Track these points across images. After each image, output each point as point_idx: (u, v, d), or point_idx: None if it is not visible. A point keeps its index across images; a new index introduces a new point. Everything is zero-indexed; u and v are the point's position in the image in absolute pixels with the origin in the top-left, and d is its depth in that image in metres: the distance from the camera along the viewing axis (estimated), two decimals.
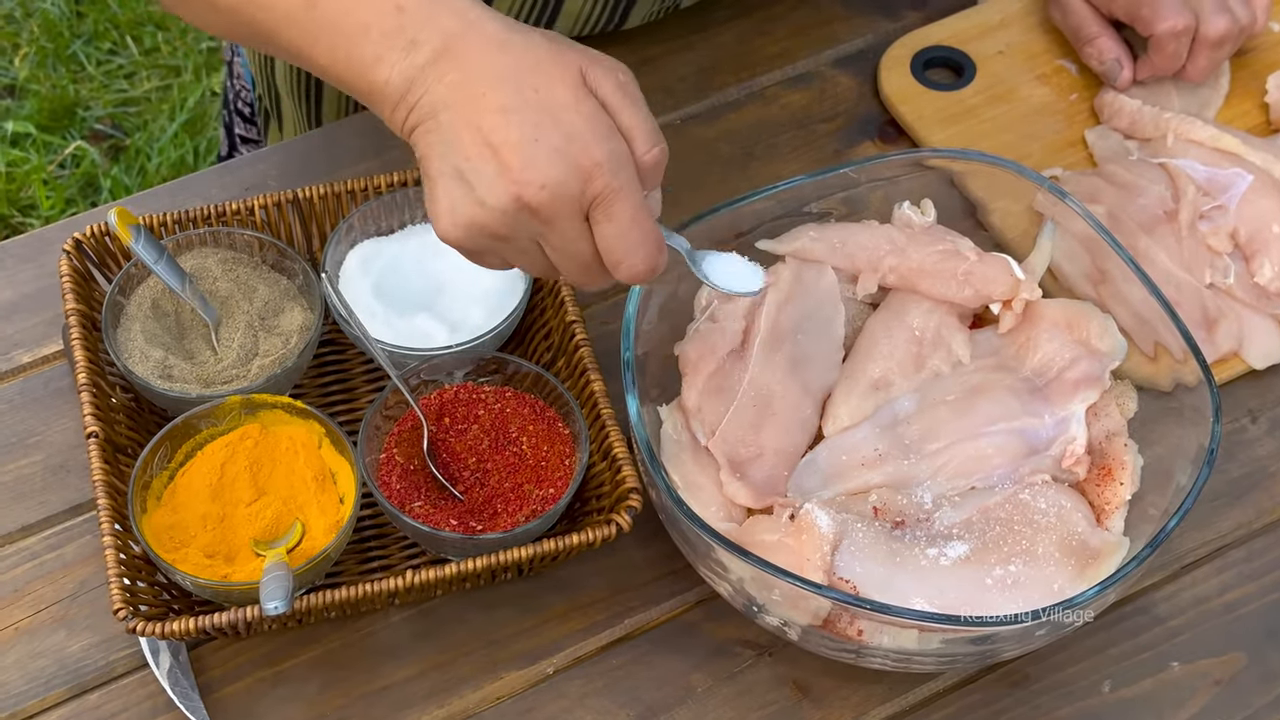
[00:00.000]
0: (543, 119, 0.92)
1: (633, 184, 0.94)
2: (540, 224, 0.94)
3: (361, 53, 0.96)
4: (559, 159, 0.92)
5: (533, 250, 0.97)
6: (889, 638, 1.03)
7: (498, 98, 0.93)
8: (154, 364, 1.14)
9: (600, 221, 0.94)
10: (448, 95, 0.94)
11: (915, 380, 1.15)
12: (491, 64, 0.94)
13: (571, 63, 0.95)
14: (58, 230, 1.30)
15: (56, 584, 1.13)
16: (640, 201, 0.95)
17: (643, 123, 0.96)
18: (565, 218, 0.93)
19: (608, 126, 0.94)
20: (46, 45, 2.68)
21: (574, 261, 0.97)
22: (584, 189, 0.93)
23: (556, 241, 0.95)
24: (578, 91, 0.94)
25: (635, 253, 0.95)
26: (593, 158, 0.92)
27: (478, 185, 0.93)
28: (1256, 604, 1.15)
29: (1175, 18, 1.33)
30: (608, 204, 0.93)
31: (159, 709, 1.08)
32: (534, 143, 0.92)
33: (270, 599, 1.00)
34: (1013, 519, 1.08)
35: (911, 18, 1.47)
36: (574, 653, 1.12)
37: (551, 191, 0.92)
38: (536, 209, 0.93)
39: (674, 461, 1.11)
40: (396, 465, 1.12)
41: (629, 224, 0.94)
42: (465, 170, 0.93)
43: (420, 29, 0.95)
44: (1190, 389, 1.09)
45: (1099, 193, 1.29)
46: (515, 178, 0.92)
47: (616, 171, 0.93)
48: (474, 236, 0.95)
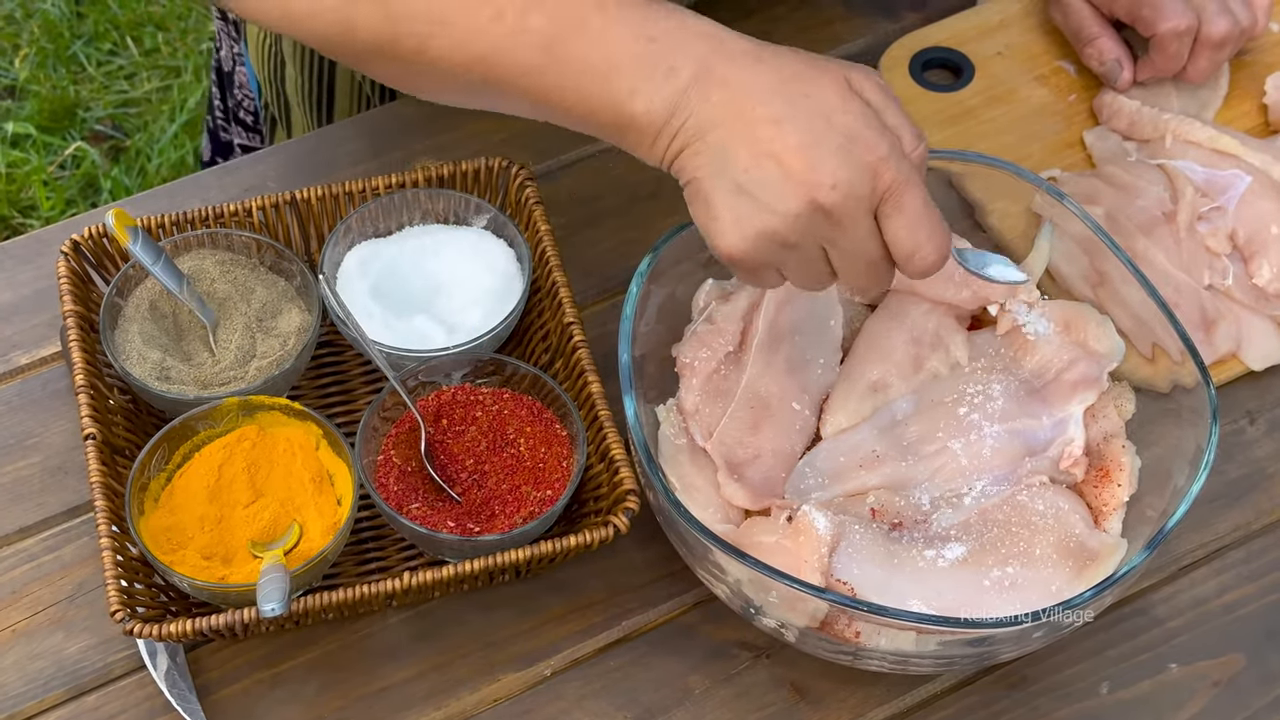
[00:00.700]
0: (817, 123, 0.93)
1: (915, 175, 0.95)
2: (831, 226, 0.94)
3: (615, 88, 0.95)
4: (844, 158, 0.92)
5: (818, 257, 0.97)
6: (886, 639, 1.03)
7: (768, 110, 0.93)
8: (152, 365, 1.14)
9: (890, 215, 0.94)
10: (715, 114, 0.94)
11: (913, 382, 1.15)
12: (753, 79, 0.94)
13: (833, 69, 0.96)
14: (56, 232, 1.30)
15: (54, 586, 1.13)
16: (925, 193, 0.95)
17: (906, 121, 0.97)
18: (856, 217, 0.94)
19: (880, 124, 0.95)
20: (47, 46, 2.68)
21: (861, 262, 0.97)
22: (873, 185, 0.93)
23: (846, 243, 0.95)
24: (845, 94, 0.94)
25: (928, 243, 0.95)
26: (877, 153, 0.93)
27: (763, 194, 0.93)
28: (1255, 605, 1.15)
29: (1177, 18, 1.33)
30: (897, 196, 0.94)
31: (156, 711, 1.08)
32: (816, 145, 0.92)
33: (267, 601, 1.00)
34: (1010, 521, 1.08)
35: (911, 19, 1.47)
36: (572, 654, 1.12)
37: (843, 190, 0.92)
38: (829, 210, 0.93)
39: (671, 463, 1.11)
40: (394, 467, 1.12)
41: (920, 214, 0.95)
42: (746, 183, 0.93)
43: (675, 55, 0.95)
44: (1188, 390, 1.09)
45: (1097, 194, 1.29)
46: (804, 179, 0.92)
47: (900, 164, 0.94)
48: (762, 247, 0.95)
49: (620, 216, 1.32)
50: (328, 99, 1.48)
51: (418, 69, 1.01)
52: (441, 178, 1.24)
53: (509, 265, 1.21)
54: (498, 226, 1.23)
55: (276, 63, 1.50)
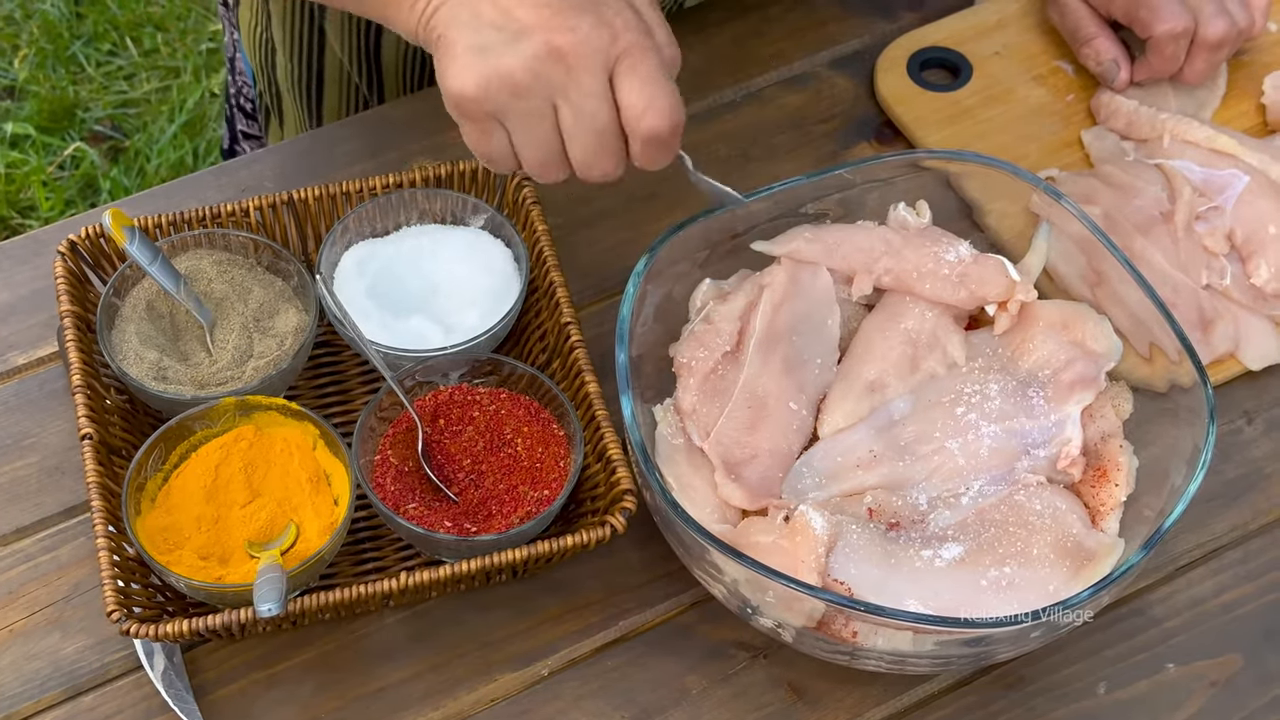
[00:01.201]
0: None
1: (657, 50, 0.96)
2: (564, 72, 0.95)
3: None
4: (588, 12, 0.94)
5: (547, 114, 0.97)
6: (884, 639, 1.03)
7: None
8: (148, 366, 1.14)
9: (624, 74, 0.96)
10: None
11: (910, 382, 1.15)
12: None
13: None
14: (53, 232, 1.30)
15: (51, 586, 1.13)
16: (664, 68, 0.96)
17: (664, 24, 0.99)
18: (591, 67, 0.95)
19: (632, 10, 0.97)
20: (46, 47, 2.68)
21: (590, 125, 0.97)
22: (612, 41, 0.95)
23: (577, 97, 0.96)
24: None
25: (659, 100, 0.96)
26: (621, 17, 0.95)
27: (505, 39, 0.94)
28: (1253, 605, 1.15)
29: (1174, 20, 1.33)
30: (633, 58, 0.95)
31: (153, 711, 1.08)
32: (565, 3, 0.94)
33: (264, 601, 1.00)
34: (1008, 520, 1.08)
35: (908, 19, 1.47)
36: (569, 654, 1.12)
37: (581, 35, 0.94)
38: (565, 52, 0.94)
39: (669, 463, 1.11)
40: (391, 467, 1.12)
41: (654, 75, 0.96)
42: (490, 29, 0.95)
43: None
44: (1185, 390, 1.09)
45: (1095, 193, 1.29)
46: (545, 23, 0.94)
47: (643, 35, 0.96)
48: (493, 91, 0.96)
49: (617, 217, 1.32)
50: (317, 87, 1.48)
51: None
52: (439, 178, 1.24)
53: (506, 265, 1.21)
54: (495, 226, 1.23)
55: (267, 50, 1.50)
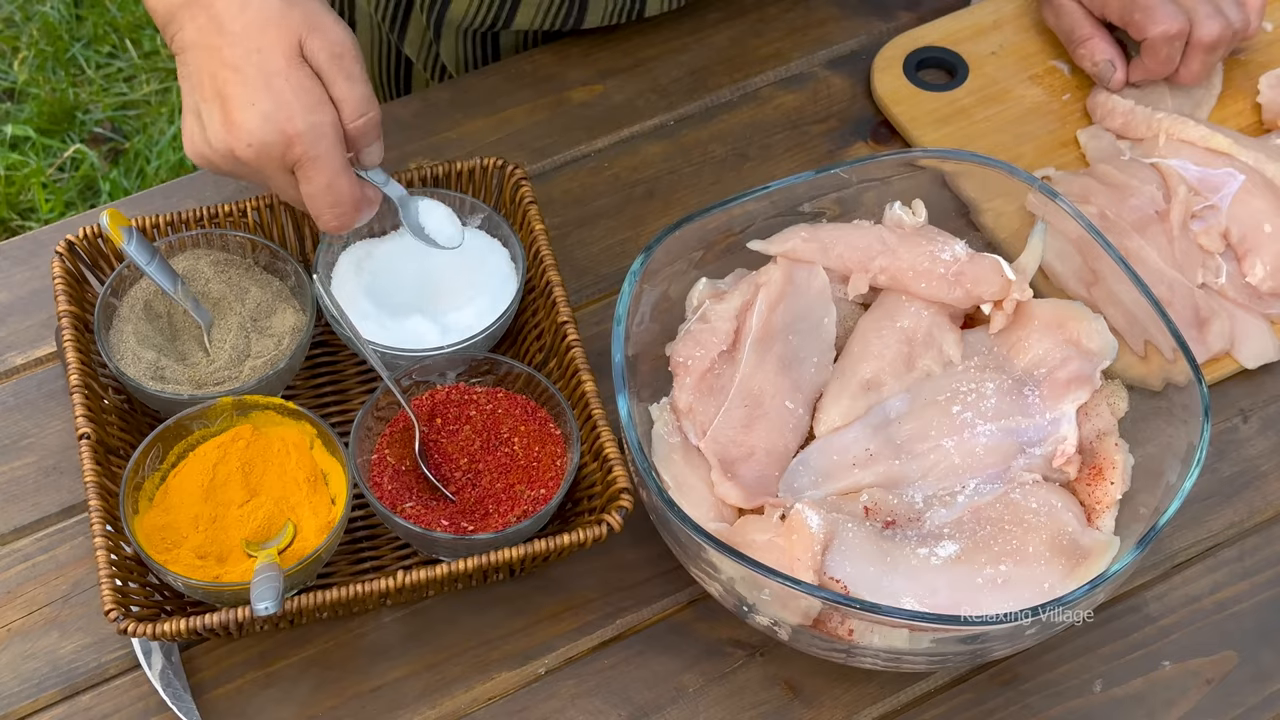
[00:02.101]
0: (259, 82, 1.06)
1: (331, 152, 1.08)
2: (251, 171, 1.09)
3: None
4: (266, 124, 1.06)
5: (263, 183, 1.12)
6: (879, 637, 1.03)
7: (230, 54, 1.07)
8: (146, 365, 1.15)
9: (301, 181, 1.09)
10: (195, 39, 1.08)
11: (906, 380, 1.15)
12: (232, 18, 1.07)
13: (292, 30, 1.07)
14: (51, 232, 1.30)
15: (49, 585, 1.14)
16: (336, 168, 1.08)
17: (352, 94, 1.09)
18: (272, 171, 1.09)
19: (316, 98, 1.07)
20: (46, 49, 2.69)
21: (290, 201, 1.12)
22: (285, 152, 1.07)
23: (273, 185, 1.11)
24: (291, 60, 1.07)
25: (326, 213, 1.10)
26: (295, 127, 1.06)
27: (208, 127, 1.08)
28: (1248, 603, 1.15)
29: (1168, 22, 1.33)
30: (304, 169, 1.08)
31: (151, 710, 1.09)
32: (251, 105, 1.06)
33: (261, 599, 1.01)
34: (1003, 518, 1.09)
35: (905, 19, 1.48)
36: (566, 653, 1.12)
37: (256, 150, 1.07)
38: (246, 162, 1.08)
39: (665, 462, 1.11)
40: (388, 466, 1.13)
41: (323, 188, 1.09)
42: (201, 110, 1.09)
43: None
44: (1180, 388, 1.09)
45: (1091, 193, 1.29)
46: (232, 132, 1.07)
47: (315, 142, 1.07)
48: (211, 165, 1.10)
49: (614, 217, 1.33)
50: None
51: None
52: (436, 177, 1.24)
53: (503, 265, 1.22)
54: (492, 226, 1.23)
55: None
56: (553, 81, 1.41)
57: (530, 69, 1.42)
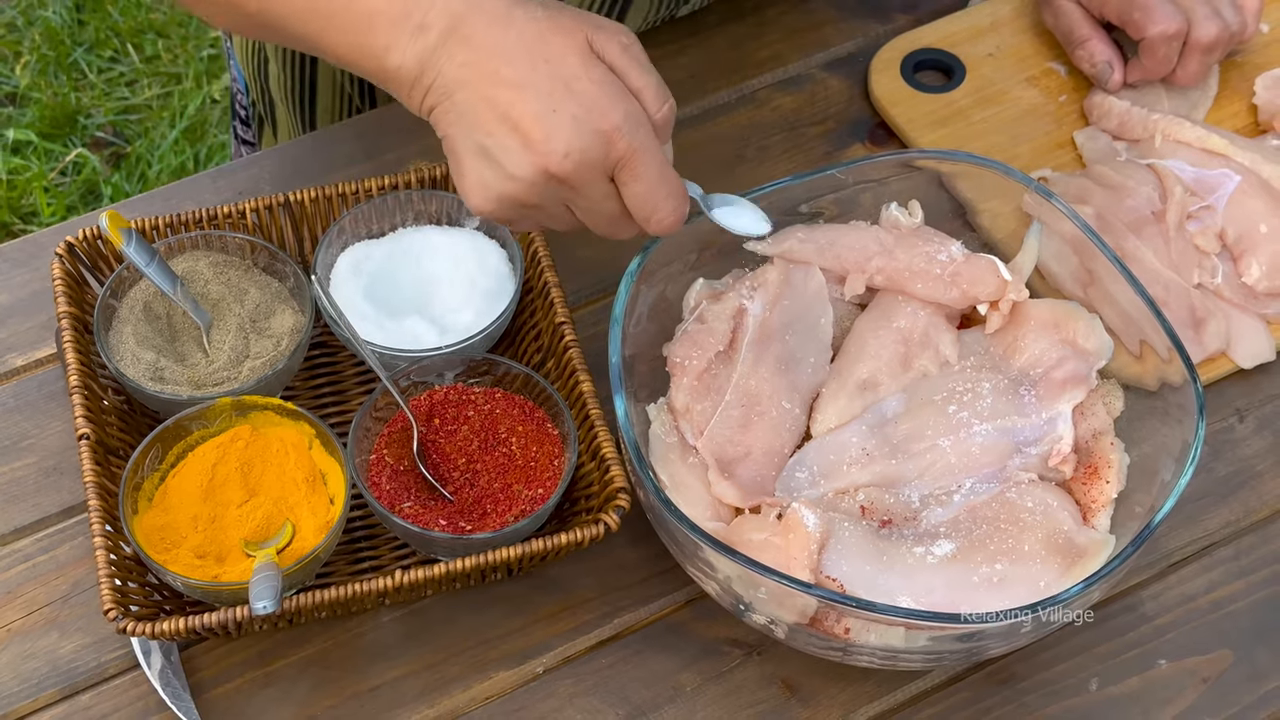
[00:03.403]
0: (556, 89, 0.96)
1: (652, 141, 0.98)
2: (568, 190, 0.98)
3: (372, 41, 0.99)
4: (579, 126, 0.96)
5: (562, 213, 1.02)
6: (876, 636, 1.03)
7: (511, 72, 0.96)
8: (145, 366, 1.15)
9: (627, 182, 0.99)
10: (461, 74, 0.97)
11: (903, 380, 1.16)
12: (500, 40, 0.97)
13: (576, 31, 0.98)
14: (51, 234, 1.31)
15: (49, 586, 1.14)
16: (662, 157, 0.99)
17: (650, 82, 1.00)
18: (591, 182, 0.98)
19: (620, 90, 0.98)
20: (48, 53, 2.69)
21: (602, 219, 1.01)
22: (607, 152, 0.97)
23: (585, 204, 1.00)
24: (586, 59, 0.98)
25: (663, 206, 1.00)
26: (611, 121, 0.96)
27: (503, 160, 0.97)
28: (1244, 602, 1.16)
29: (1167, 22, 1.33)
30: (632, 165, 0.98)
31: (150, 709, 1.09)
32: (552, 114, 0.96)
33: (259, 599, 1.01)
34: (999, 517, 1.09)
35: (902, 21, 1.48)
36: (563, 652, 1.12)
37: (576, 159, 0.96)
38: (564, 178, 0.97)
39: (662, 461, 1.12)
40: (386, 466, 1.13)
41: (655, 180, 0.99)
42: (489, 146, 0.97)
43: (426, 12, 0.98)
44: (1176, 388, 1.09)
45: (1087, 193, 1.29)
46: (539, 149, 0.96)
47: (635, 131, 0.97)
48: (506, 208, 1.00)
49: None
50: (310, 96, 1.49)
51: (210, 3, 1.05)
52: (434, 179, 1.24)
53: (501, 266, 1.22)
54: (490, 228, 1.24)
55: (260, 60, 1.51)
56: None
57: None
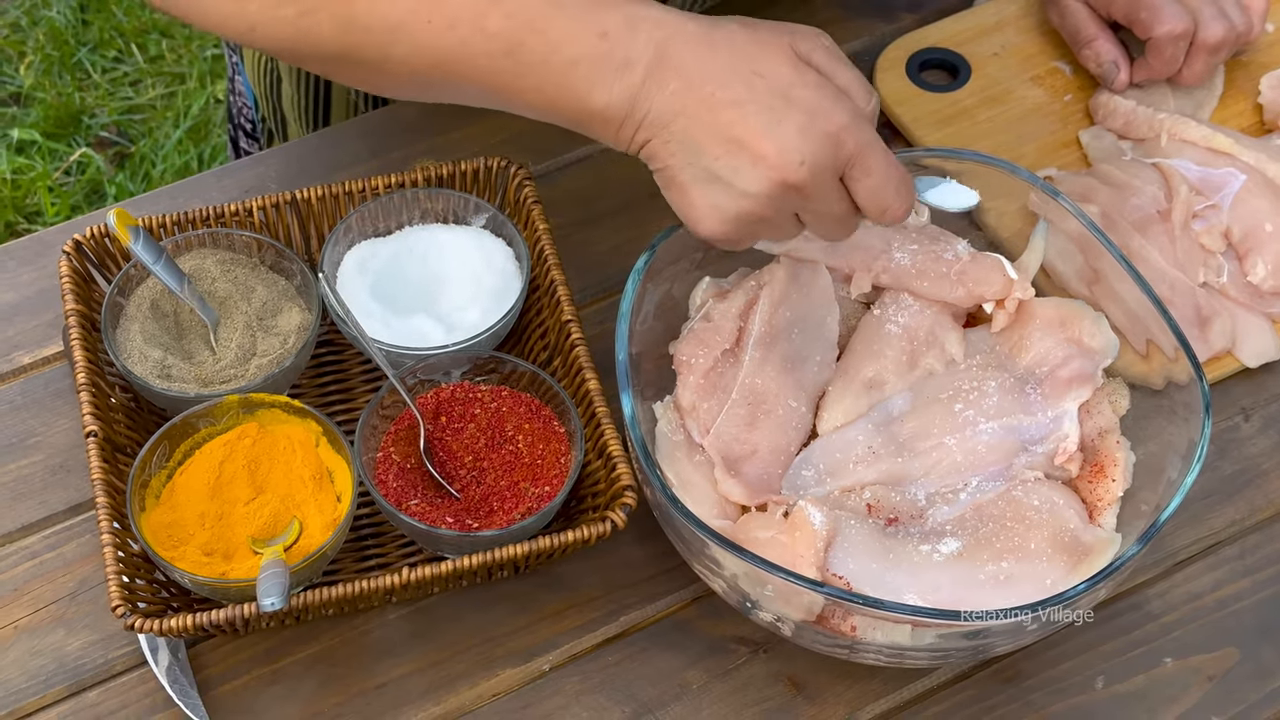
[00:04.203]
0: (777, 102, 0.96)
1: (874, 135, 0.99)
2: (803, 198, 0.98)
3: (574, 85, 0.98)
4: (807, 133, 0.96)
5: (792, 222, 1.01)
6: (882, 633, 1.03)
7: (727, 94, 0.96)
8: (153, 364, 1.15)
9: (859, 179, 0.98)
10: (675, 103, 0.96)
11: (909, 379, 1.16)
12: (708, 63, 0.96)
13: (778, 42, 0.98)
14: (58, 233, 1.31)
15: (56, 583, 1.14)
16: (885, 148, 0.99)
17: (855, 79, 1.00)
18: (826, 185, 0.98)
19: (834, 91, 0.98)
20: (52, 53, 2.70)
21: (833, 220, 1.01)
22: (837, 153, 0.97)
23: (818, 207, 0.99)
24: (796, 67, 0.97)
25: (895, 199, 1.00)
26: (837, 122, 0.96)
27: (736, 180, 0.96)
28: (1249, 600, 1.16)
29: (1173, 22, 1.34)
30: (863, 160, 0.98)
31: (158, 706, 1.09)
32: (779, 125, 0.95)
33: (266, 595, 1.01)
34: (1005, 516, 1.09)
35: (907, 20, 1.48)
36: (570, 650, 1.13)
37: (810, 165, 0.96)
38: (800, 186, 0.96)
39: (669, 459, 1.12)
40: (393, 464, 1.13)
41: (885, 174, 0.99)
42: (717, 169, 0.96)
43: (629, 48, 0.97)
44: (1182, 386, 1.09)
45: (1093, 192, 1.30)
46: (773, 163, 0.95)
47: (860, 128, 0.97)
48: (740, 227, 0.99)
49: (618, 216, 1.33)
50: (324, 114, 1.49)
51: (380, 74, 1.03)
52: (441, 177, 1.25)
53: (507, 264, 1.22)
54: (496, 226, 1.24)
55: (272, 79, 1.51)
56: None
57: None
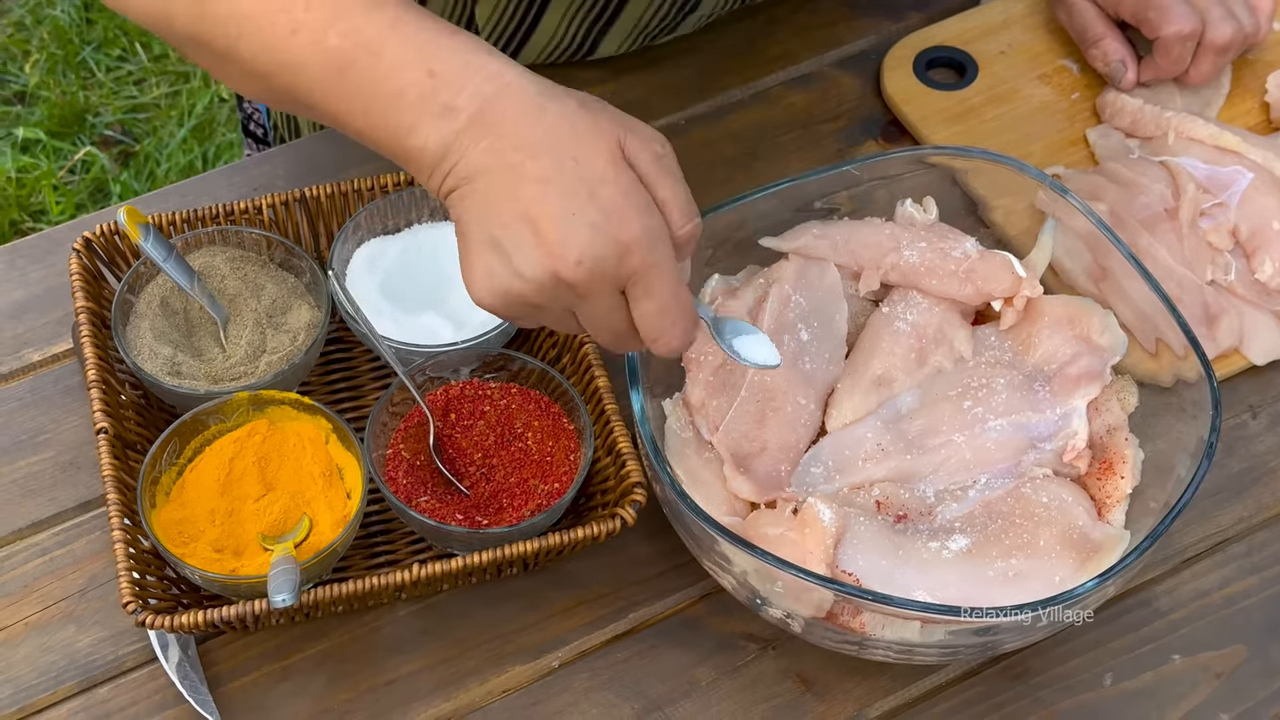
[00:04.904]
0: (580, 191, 0.91)
1: (669, 259, 0.94)
2: (576, 297, 0.93)
3: (397, 119, 0.94)
4: (596, 234, 0.91)
5: (567, 318, 0.97)
6: (891, 630, 1.04)
7: (536, 167, 0.92)
8: (163, 361, 1.16)
9: (638, 298, 0.94)
10: (484, 161, 0.93)
11: (917, 376, 1.16)
12: (529, 131, 0.93)
13: (609, 133, 0.94)
14: (67, 230, 1.31)
15: (66, 579, 1.14)
16: (677, 277, 0.94)
17: (678, 196, 0.95)
18: (601, 292, 0.93)
19: (645, 201, 0.93)
20: (56, 52, 2.70)
21: (607, 332, 0.97)
22: (620, 265, 0.92)
23: (591, 313, 0.95)
24: (615, 164, 0.93)
25: (672, 329, 0.95)
26: (630, 233, 0.92)
27: (514, 256, 0.92)
28: (1257, 597, 1.16)
29: (1182, 22, 1.34)
30: (645, 281, 0.93)
31: (168, 702, 1.09)
32: (571, 216, 0.91)
33: (278, 591, 1.01)
34: (1014, 513, 1.09)
35: (914, 18, 1.48)
36: (579, 646, 1.13)
37: (588, 267, 0.91)
38: (573, 284, 0.92)
39: (678, 456, 1.12)
40: (403, 461, 1.13)
41: (667, 301, 0.94)
42: (502, 239, 0.92)
43: (456, 94, 0.93)
44: (1190, 384, 1.10)
45: (1100, 191, 1.30)
46: (552, 252, 0.91)
47: (653, 247, 0.92)
48: (509, 304, 0.95)
49: None
50: None
51: (228, 65, 1.00)
52: None
53: None
54: None
55: None
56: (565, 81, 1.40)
57: (542, 69, 1.42)
